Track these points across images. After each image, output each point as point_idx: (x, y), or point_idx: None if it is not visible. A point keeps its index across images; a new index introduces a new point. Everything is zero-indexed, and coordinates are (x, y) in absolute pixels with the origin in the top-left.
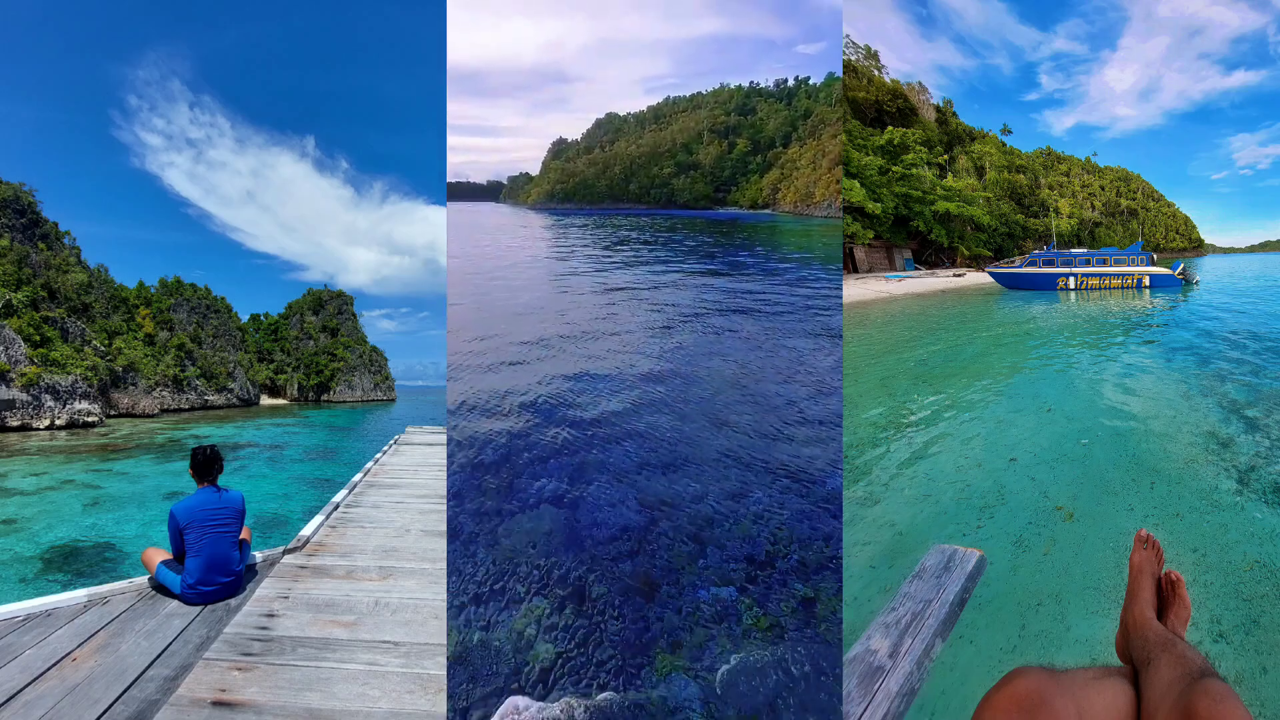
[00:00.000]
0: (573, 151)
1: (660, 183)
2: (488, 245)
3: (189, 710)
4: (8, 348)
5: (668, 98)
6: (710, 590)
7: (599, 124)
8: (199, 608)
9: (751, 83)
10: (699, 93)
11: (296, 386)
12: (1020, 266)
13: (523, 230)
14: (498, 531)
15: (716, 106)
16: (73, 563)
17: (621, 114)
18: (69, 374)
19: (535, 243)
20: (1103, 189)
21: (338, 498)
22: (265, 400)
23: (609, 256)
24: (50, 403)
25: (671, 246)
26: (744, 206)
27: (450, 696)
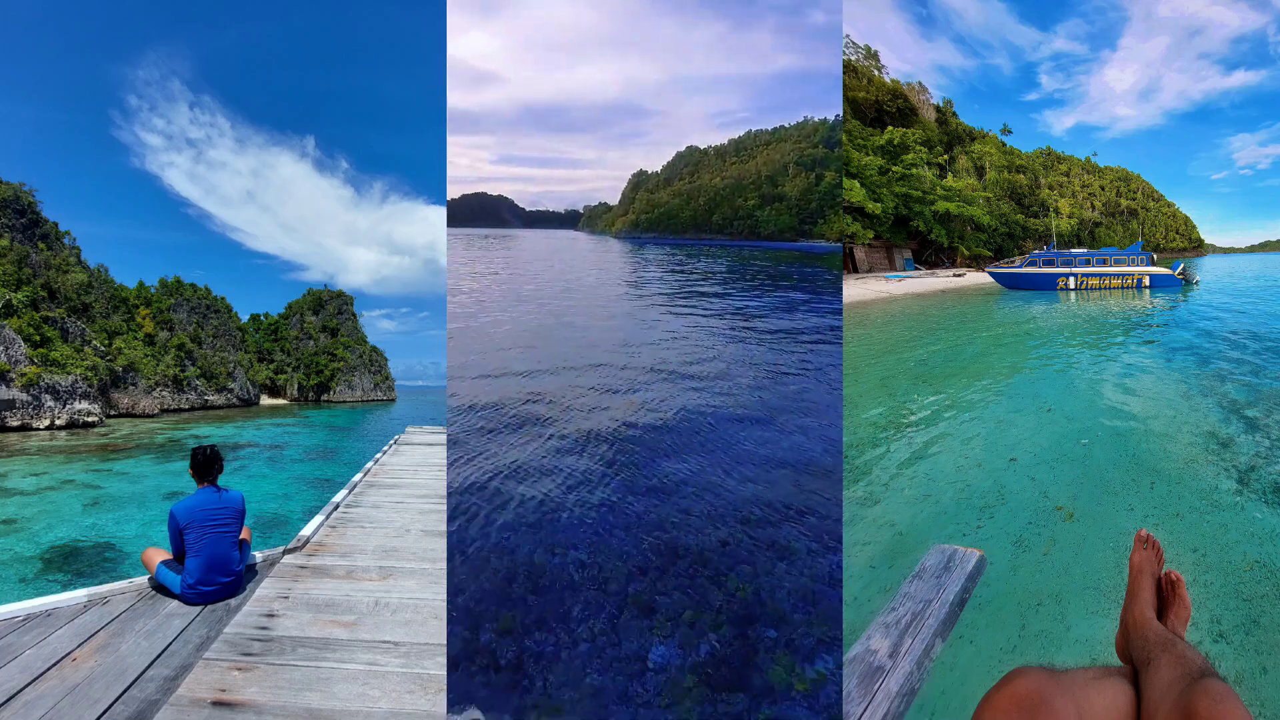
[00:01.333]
0: (653, 183)
1: (744, 214)
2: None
3: (189, 710)
4: (8, 348)
5: (749, 130)
6: None
7: (679, 156)
8: (199, 608)
9: (836, 116)
10: (781, 126)
11: (296, 386)
12: (1020, 266)
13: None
14: None
15: (801, 139)
16: (73, 563)
17: (701, 147)
18: (69, 374)
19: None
20: (1103, 189)
21: (338, 498)
22: (265, 400)
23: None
24: (50, 403)
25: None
26: (830, 239)
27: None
